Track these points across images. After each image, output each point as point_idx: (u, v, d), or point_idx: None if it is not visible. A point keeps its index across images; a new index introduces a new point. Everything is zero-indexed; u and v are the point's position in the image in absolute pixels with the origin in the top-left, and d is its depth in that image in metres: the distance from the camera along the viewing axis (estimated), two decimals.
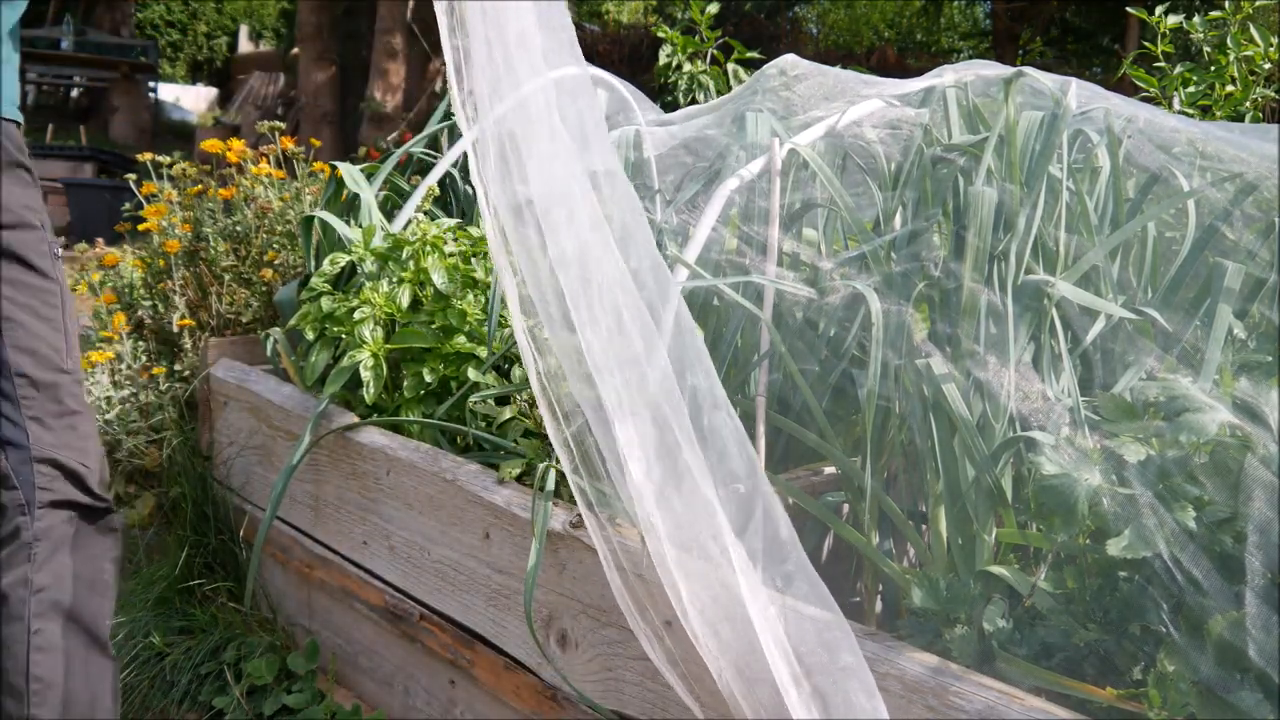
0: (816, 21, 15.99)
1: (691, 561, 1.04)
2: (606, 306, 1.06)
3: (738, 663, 1.01)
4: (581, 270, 1.06)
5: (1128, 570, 1.05)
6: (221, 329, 2.53)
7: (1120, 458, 1.04)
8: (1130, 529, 0.97)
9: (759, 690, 1.00)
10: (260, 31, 20.06)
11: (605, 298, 1.05)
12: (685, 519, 1.03)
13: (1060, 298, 1.38)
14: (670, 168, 2.06)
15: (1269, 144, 1.42)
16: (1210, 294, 1.36)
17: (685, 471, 1.02)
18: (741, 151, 1.71)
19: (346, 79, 9.29)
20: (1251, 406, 1.02)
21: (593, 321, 1.06)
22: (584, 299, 1.06)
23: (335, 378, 1.76)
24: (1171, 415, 1.03)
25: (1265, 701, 0.86)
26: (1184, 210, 1.56)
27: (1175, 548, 0.96)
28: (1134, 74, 2.47)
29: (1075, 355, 1.41)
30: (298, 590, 1.93)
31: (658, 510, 1.03)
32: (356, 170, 2.17)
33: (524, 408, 1.55)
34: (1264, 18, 2.48)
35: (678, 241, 1.66)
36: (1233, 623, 0.89)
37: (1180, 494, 1.00)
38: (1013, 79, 1.51)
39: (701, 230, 1.44)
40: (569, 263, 1.06)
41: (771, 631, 0.99)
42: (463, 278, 1.80)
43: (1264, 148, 1.42)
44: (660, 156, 2.04)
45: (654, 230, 1.76)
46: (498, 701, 1.49)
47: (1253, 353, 1.34)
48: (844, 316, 1.58)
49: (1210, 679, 0.90)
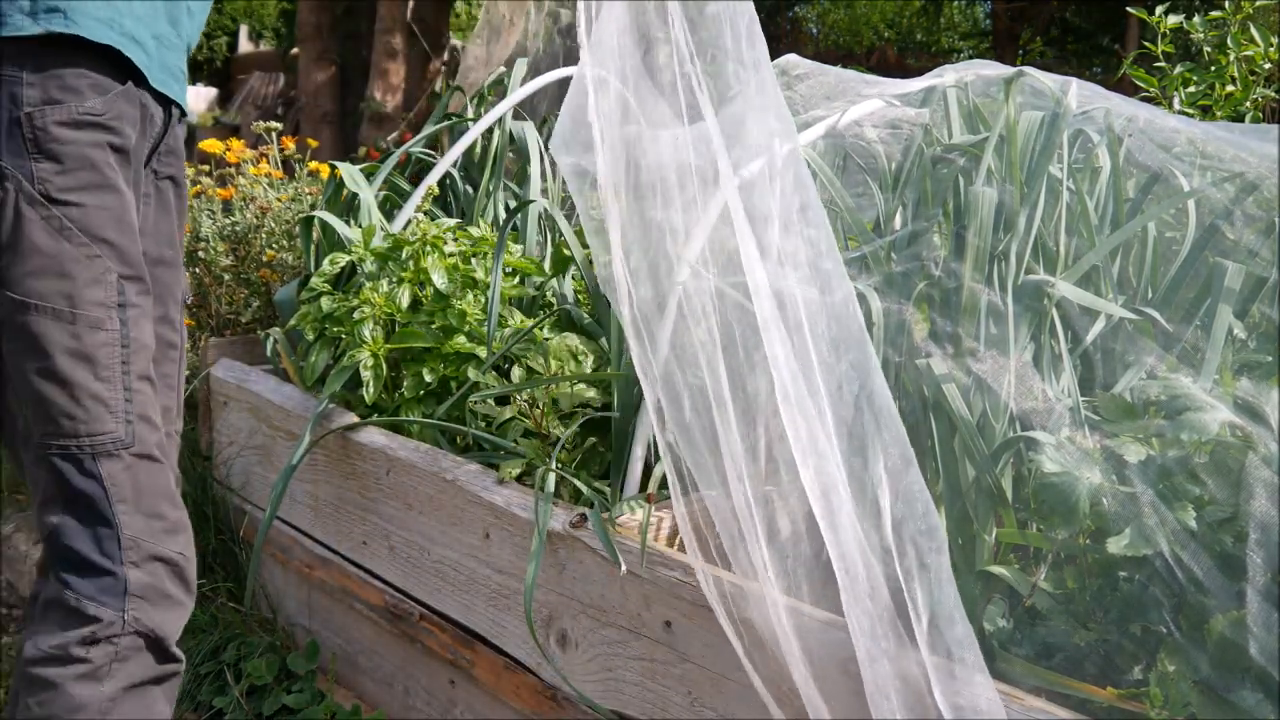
0: (816, 21, 15.99)
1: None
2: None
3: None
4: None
5: (1128, 570, 1.05)
6: (221, 329, 2.53)
7: (1120, 457, 1.04)
8: (1131, 527, 0.97)
9: None
10: (260, 31, 20.04)
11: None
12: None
13: (1060, 298, 1.38)
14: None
15: (1269, 144, 1.41)
16: (1211, 294, 1.36)
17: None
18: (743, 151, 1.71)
19: (346, 79, 9.28)
20: (1252, 406, 1.02)
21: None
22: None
23: (335, 378, 1.76)
24: (1173, 414, 1.03)
25: (1266, 701, 0.86)
26: (1184, 210, 1.56)
27: (1176, 547, 0.96)
28: (1134, 74, 2.47)
29: (1075, 355, 1.41)
30: (297, 590, 1.93)
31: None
32: (356, 170, 2.17)
33: (524, 408, 1.55)
34: (1264, 18, 2.48)
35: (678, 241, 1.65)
36: (1234, 621, 0.89)
37: (1181, 493, 1.00)
38: (1013, 79, 1.51)
39: (702, 230, 1.43)
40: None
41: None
42: (463, 278, 1.80)
43: (1264, 148, 1.42)
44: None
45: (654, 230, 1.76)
46: (498, 701, 1.49)
47: (1253, 352, 1.34)
48: None
49: (1211, 678, 0.90)
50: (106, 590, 1.18)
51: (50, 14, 1.19)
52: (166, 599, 1.23)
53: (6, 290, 1.16)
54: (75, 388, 1.18)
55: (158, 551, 1.22)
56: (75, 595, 1.17)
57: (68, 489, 1.19)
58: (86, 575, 1.18)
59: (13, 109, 1.16)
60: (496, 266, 1.70)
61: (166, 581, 1.23)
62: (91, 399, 1.19)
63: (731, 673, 1.15)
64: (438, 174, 2.18)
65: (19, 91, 1.17)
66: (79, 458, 1.18)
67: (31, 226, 1.16)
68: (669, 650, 1.22)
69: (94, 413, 1.19)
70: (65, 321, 1.18)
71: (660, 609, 1.23)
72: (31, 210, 1.16)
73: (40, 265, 1.17)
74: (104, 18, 1.23)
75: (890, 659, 0.92)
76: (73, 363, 1.18)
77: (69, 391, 1.18)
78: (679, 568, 1.22)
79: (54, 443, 1.18)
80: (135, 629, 1.19)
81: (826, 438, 0.99)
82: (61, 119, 1.18)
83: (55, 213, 1.17)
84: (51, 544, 1.20)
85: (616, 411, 1.50)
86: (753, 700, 1.12)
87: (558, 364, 1.62)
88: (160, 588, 1.22)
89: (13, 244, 1.16)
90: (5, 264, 1.16)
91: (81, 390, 1.18)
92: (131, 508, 1.21)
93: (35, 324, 1.17)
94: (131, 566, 1.20)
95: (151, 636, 1.21)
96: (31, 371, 1.17)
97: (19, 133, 1.16)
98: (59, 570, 1.19)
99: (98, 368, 1.20)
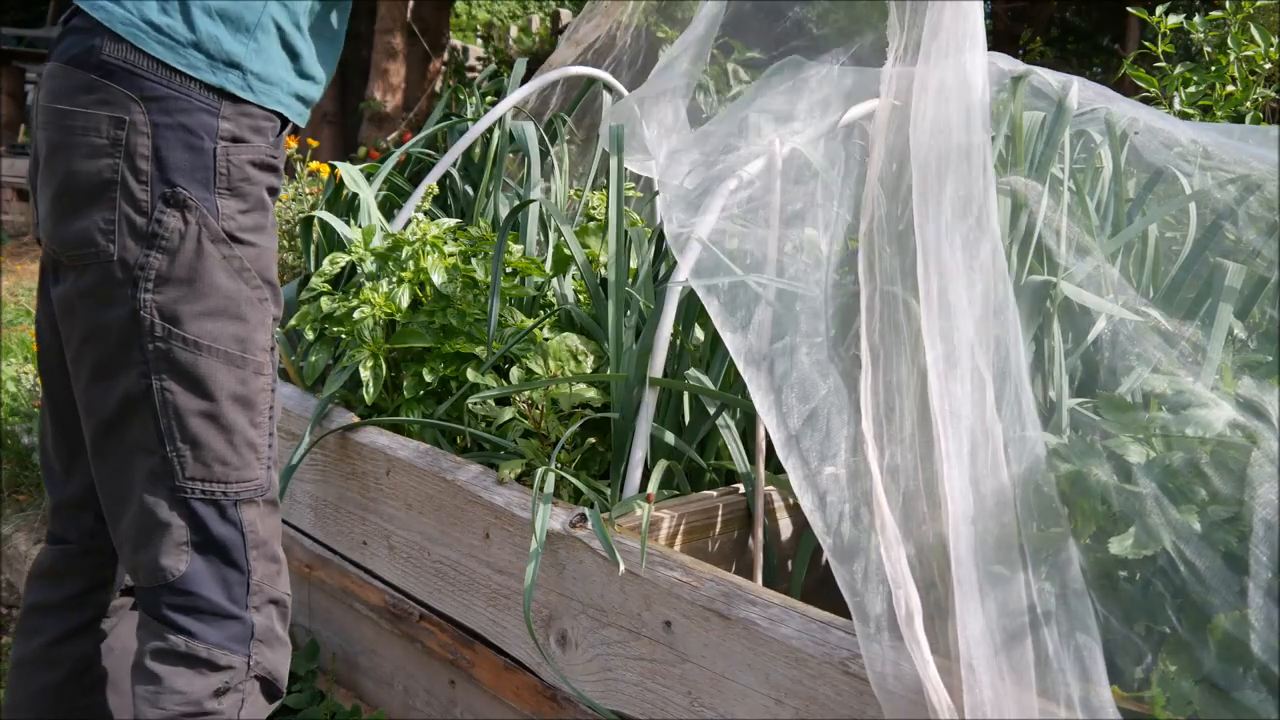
0: (817, 22, 15.99)
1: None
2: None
3: None
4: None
5: (1130, 569, 1.05)
6: None
7: (1121, 458, 1.04)
8: (1136, 526, 0.97)
9: None
10: None
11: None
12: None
13: (1061, 298, 1.37)
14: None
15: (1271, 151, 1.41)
16: (1212, 294, 1.35)
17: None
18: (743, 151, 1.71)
19: (346, 79, 9.28)
20: (1254, 404, 1.02)
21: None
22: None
23: (335, 378, 1.76)
24: (1177, 409, 1.03)
25: (1269, 700, 0.86)
26: (1186, 210, 1.56)
27: (1180, 545, 0.96)
28: (1134, 74, 2.47)
29: (1076, 355, 1.41)
30: (297, 590, 1.93)
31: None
32: (356, 170, 2.17)
33: (523, 408, 1.54)
34: (1264, 18, 2.48)
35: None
36: (1236, 620, 0.89)
37: (1184, 491, 1.00)
38: (1022, 77, 1.51)
39: (702, 229, 1.43)
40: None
41: None
42: (462, 278, 1.80)
43: (1265, 154, 1.41)
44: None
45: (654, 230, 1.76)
46: (498, 701, 1.49)
47: (1254, 352, 1.33)
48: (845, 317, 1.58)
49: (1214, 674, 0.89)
50: (235, 637, 1.16)
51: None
52: (279, 640, 1.21)
53: (178, 327, 1.11)
54: (234, 434, 1.15)
55: (274, 594, 1.20)
56: (205, 645, 1.14)
57: (204, 534, 1.15)
58: (213, 623, 1.15)
59: (207, 140, 1.11)
60: (496, 266, 1.69)
61: (277, 623, 1.21)
62: (246, 446, 1.16)
63: (731, 672, 1.15)
64: (437, 174, 2.18)
65: (214, 123, 1.11)
66: (222, 504, 1.15)
67: (213, 264, 1.12)
68: (669, 650, 1.22)
69: (246, 459, 1.16)
70: (235, 365, 1.14)
71: (660, 609, 1.23)
72: (214, 248, 1.12)
73: (218, 306, 1.13)
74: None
75: None
76: (236, 409, 1.15)
77: (227, 437, 1.14)
78: (679, 568, 1.22)
79: (200, 486, 1.14)
80: (257, 673, 1.18)
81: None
82: (252, 159, 1.15)
83: (236, 252, 1.14)
84: (168, 593, 1.15)
85: (616, 412, 1.50)
86: (753, 700, 1.12)
87: (557, 364, 1.61)
88: (274, 630, 1.20)
89: (190, 279, 1.11)
90: (177, 298, 1.11)
91: (239, 437, 1.15)
92: (260, 553, 1.19)
93: (205, 365, 1.12)
94: (255, 611, 1.17)
95: (267, 679, 1.20)
96: (193, 413, 1.13)
97: (211, 165, 1.11)
98: (179, 619, 1.15)
99: (255, 414, 1.17)
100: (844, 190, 1.47)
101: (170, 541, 1.14)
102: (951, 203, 1.02)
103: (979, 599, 0.90)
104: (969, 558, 0.90)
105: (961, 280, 0.99)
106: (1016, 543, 0.92)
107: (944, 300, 0.99)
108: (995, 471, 0.94)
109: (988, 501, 0.94)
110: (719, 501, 1.43)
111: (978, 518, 0.93)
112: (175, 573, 1.14)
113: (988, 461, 0.95)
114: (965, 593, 0.89)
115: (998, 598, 0.90)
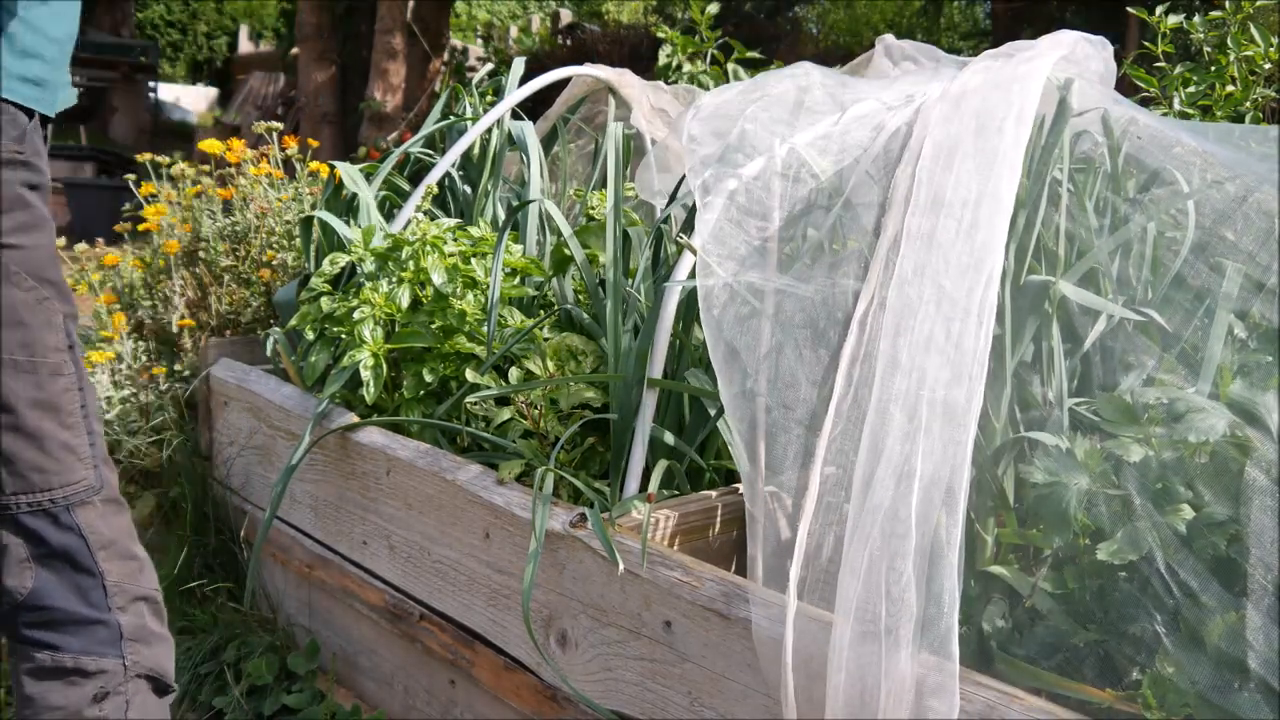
0: (817, 21, 15.99)
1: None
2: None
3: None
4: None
5: (1127, 571, 1.05)
6: (221, 329, 2.53)
7: (1119, 459, 1.04)
8: (1122, 532, 0.97)
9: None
10: (260, 31, 20.04)
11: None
12: None
13: (1060, 298, 1.37)
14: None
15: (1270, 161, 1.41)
16: (1210, 294, 1.36)
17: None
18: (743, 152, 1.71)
19: (346, 79, 9.28)
20: (1250, 409, 1.02)
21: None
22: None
23: (335, 378, 1.76)
24: (1171, 419, 1.03)
25: (1262, 702, 0.86)
26: (1184, 210, 1.56)
27: (1170, 550, 0.96)
28: (1134, 74, 2.47)
29: (1075, 356, 1.41)
30: (298, 590, 1.93)
31: None
32: (356, 170, 2.17)
33: (523, 408, 1.55)
34: (1264, 18, 2.48)
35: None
36: (1230, 624, 0.89)
37: (1177, 496, 1.00)
38: None
39: (702, 228, 1.43)
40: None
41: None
42: (462, 278, 1.80)
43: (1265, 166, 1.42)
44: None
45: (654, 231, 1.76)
46: (498, 701, 1.49)
47: (1253, 353, 1.33)
48: (845, 316, 1.58)
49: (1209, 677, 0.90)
50: (102, 641, 1.14)
51: None
52: (156, 636, 1.20)
53: None
54: (45, 440, 1.11)
55: (139, 592, 1.19)
56: (70, 655, 1.12)
57: (44, 546, 1.12)
58: (75, 631, 1.13)
59: None
60: (496, 266, 1.70)
61: (150, 619, 1.20)
62: (62, 449, 1.13)
63: (731, 672, 1.15)
64: (437, 174, 2.18)
65: None
66: (53, 512, 1.12)
67: None
68: (669, 650, 1.22)
69: (65, 463, 1.13)
70: (26, 372, 1.09)
71: (660, 609, 1.23)
72: None
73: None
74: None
75: None
76: (39, 414, 1.11)
77: (38, 445, 1.11)
78: (679, 568, 1.22)
79: (24, 500, 1.11)
80: (137, 673, 1.16)
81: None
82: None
83: (1, 258, 1.07)
84: (22, 612, 1.12)
85: (616, 412, 1.50)
86: (753, 700, 1.13)
87: (557, 364, 1.62)
88: (148, 627, 1.19)
89: None
90: None
91: (51, 441, 1.12)
92: (110, 554, 1.16)
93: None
94: (119, 612, 1.16)
95: (151, 676, 1.19)
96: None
97: None
98: (38, 635, 1.12)
99: (63, 415, 1.13)
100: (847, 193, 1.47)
101: (10, 561, 1.12)
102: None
103: None
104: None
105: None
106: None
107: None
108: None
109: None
110: (719, 501, 1.44)
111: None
112: (23, 591, 1.12)
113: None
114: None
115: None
